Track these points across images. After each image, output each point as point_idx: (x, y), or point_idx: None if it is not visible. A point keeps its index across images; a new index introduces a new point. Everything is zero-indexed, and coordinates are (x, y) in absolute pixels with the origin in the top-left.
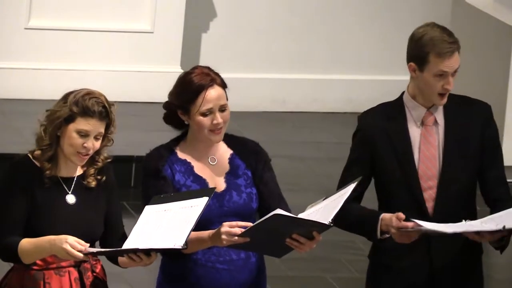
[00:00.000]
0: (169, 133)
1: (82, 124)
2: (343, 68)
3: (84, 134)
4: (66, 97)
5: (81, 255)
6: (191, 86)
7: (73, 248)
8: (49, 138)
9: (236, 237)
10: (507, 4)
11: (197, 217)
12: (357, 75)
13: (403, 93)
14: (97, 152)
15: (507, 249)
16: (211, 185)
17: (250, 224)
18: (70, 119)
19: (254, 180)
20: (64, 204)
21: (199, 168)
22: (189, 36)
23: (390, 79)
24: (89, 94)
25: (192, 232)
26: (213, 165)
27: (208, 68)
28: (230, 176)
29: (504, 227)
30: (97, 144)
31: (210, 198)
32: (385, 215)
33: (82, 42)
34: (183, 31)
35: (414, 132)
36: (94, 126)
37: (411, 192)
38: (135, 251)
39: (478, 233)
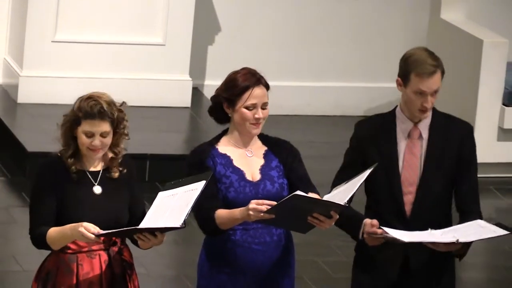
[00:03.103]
0: (179, 134)
1: (86, 126)
2: (333, 76)
3: (89, 135)
4: (75, 102)
5: (92, 236)
6: (241, 82)
7: (87, 231)
8: (64, 140)
9: (262, 214)
10: (478, 20)
11: (195, 198)
12: (346, 83)
13: (396, 106)
14: (115, 146)
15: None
16: (248, 176)
17: (275, 203)
18: (77, 122)
19: (285, 172)
20: (91, 195)
21: (237, 161)
22: (197, 48)
23: (375, 86)
24: (90, 98)
25: (226, 211)
26: (250, 158)
27: (254, 70)
28: (265, 168)
29: (457, 240)
30: (106, 140)
31: (207, 181)
32: (366, 221)
33: (102, 53)
34: (191, 43)
35: (401, 143)
36: (97, 126)
37: (393, 195)
38: (140, 230)
39: (433, 243)
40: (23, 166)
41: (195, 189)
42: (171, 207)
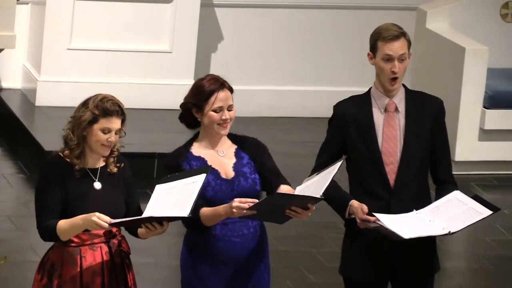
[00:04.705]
0: (183, 134)
1: (105, 123)
2: (326, 81)
3: (107, 132)
4: (85, 103)
5: (106, 225)
6: (206, 88)
7: (100, 220)
8: (77, 139)
9: (245, 211)
10: (461, 30)
11: (198, 190)
12: (338, 88)
13: (370, 88)
14: (116, 143)
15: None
16: (222, 174)
17: (256, 200)
18: (93, 120)
19: (256, 167)
20: (92, 190)
21: (211, 161)
22: (201, 56)
23: (363, 90)
24: (105, 97)
25: (210, 208)
26: (222, 157)
27: (218, 76)
28: (237, 165)
29: (449, 232)
30: (117, 137)
31: (207, 174)
32: (353, 203)
33: (114, 60)
34: (196, 51)
35: (379, 117)
36: (114, 123)
37: (375, 166)
38: (150, 219)
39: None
40: (41, 164)
41: (196, 181)
42: (174, 199)
